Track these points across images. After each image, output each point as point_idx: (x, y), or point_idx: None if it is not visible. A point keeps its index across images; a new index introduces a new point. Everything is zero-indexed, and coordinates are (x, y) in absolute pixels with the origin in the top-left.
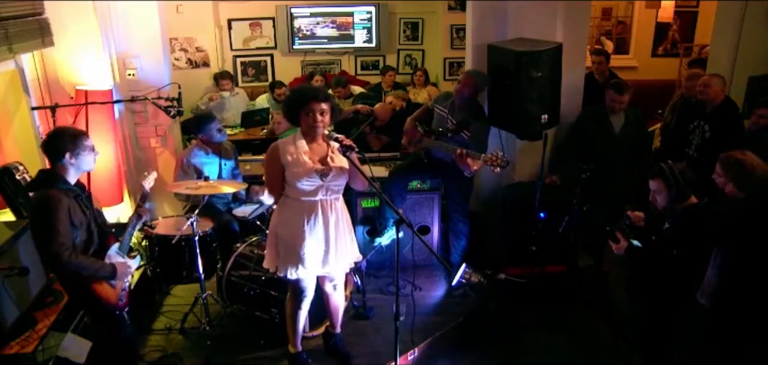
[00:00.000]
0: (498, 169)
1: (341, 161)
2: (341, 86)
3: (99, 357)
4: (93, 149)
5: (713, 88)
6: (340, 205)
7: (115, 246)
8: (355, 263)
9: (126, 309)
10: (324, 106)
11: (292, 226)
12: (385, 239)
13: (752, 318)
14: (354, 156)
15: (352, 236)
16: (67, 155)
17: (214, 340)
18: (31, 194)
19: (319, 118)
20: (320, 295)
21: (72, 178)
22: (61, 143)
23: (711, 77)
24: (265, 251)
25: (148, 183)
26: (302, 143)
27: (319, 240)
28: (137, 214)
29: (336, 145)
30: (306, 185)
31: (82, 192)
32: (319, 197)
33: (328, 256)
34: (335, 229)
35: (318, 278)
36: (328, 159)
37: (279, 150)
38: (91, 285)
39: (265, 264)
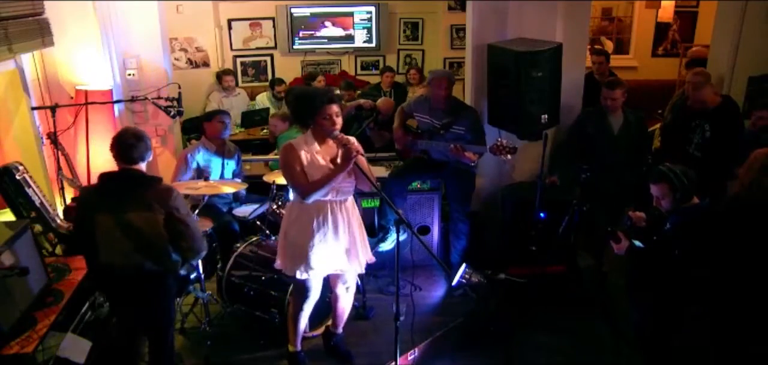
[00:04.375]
0: (509, 156)
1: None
2: (352, 90)
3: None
4: None
5: (709, 98)
6: (350, 206)
7: None
8: (368, 263)
9: None
10: (337, 108)
11: (302, 227)
12: (388, 244)
13: (753, 317)
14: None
15: (365, 236)
16: (146, 157)
17: (214, 340)
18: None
19: (336, 119)
20: (321, 295)
21: None
22: (145, 144)
23: (700, 91)
24: (278, 252)
25: None
26: (314, 145)
27: (328, 241)
28: None
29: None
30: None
31: None
32: (329, 198)
33: (337, 257)
34: (346, 230)
35: (331, 278)
36: (338, 160)
37: (296, 149)
38: None
39: (277, 265)
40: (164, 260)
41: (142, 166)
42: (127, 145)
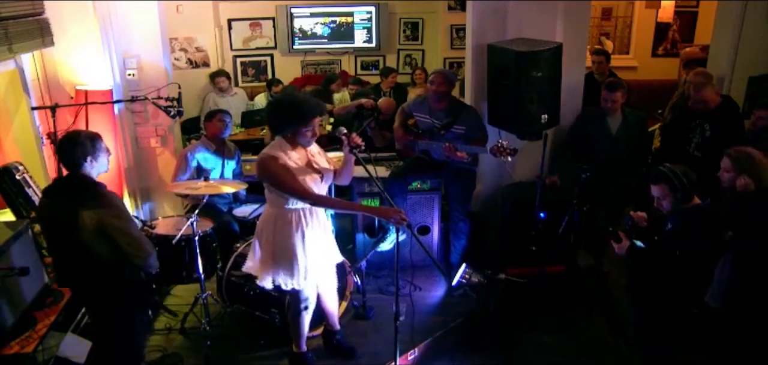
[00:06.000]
0: (509, 158)
1: (323, 161)
2: (360, 85)
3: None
4: (108, 150)
5: (710, 98)
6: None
7: None
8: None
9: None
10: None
11: (291, 236)
12: (387, 244)
13: (761, 317)
14: (355, 154)
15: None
16: (89, 159)
17: (214, 340)
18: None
19: (317, 131)
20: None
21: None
22: (82, 147)
23: (702, 91)
24: (254, 263)
25: None
26: (291, 151)
27: (317, 245)
28: None
29: (331, 143)
30: (314, 190)
31: None
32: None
33: (324, 259)
34: (326, 231)
35: None
36: (314, 162)
37: (277, 157)
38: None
39: (260, 282)
40: (100, 263)
41: (86, 168)
42: (61, 151)
